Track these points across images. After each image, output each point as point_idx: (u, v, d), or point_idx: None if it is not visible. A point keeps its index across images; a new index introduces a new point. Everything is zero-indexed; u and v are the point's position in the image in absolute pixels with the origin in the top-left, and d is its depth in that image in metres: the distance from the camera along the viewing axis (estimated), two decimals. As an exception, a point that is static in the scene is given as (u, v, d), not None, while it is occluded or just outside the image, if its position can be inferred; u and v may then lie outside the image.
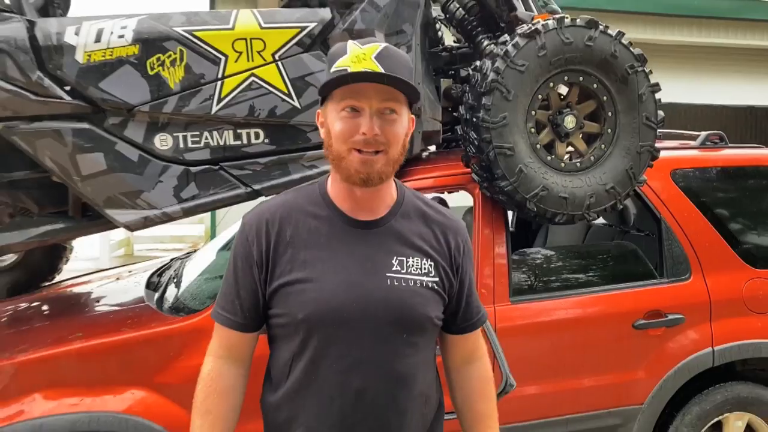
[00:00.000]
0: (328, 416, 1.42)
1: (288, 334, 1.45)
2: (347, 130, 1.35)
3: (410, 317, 1.44)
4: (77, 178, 2.38)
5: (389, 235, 1.46)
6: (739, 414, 2.99)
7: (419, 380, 1.48)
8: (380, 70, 1.33)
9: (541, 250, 3.44)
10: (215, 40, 2.42)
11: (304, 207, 1.46)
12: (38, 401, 2.33)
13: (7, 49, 2.28)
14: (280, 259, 1.43)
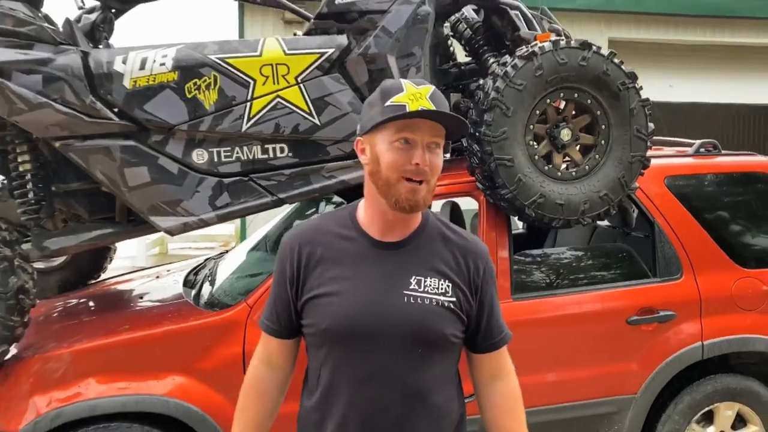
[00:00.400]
0: (350, 423, 1.53)
1: (316, 344, 1.58)
2: (400, 159, 1.46)
3: (425, 333, 1.52)
4: (125, 189, 2.70)
5: (410, 255, 1.55)
6: (729, 404, 3.21)
7: (435, 394, 1.56)
8: (435, 109, 1.47)
9: (542, 251, 3.67)
10: (245, 66, 2.72)
11: (334, 230, 1.59)
12: (92, 385, 2.66)
13: (65, 77, 2.60)
14: (310, 275, 1.55)
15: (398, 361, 1.51)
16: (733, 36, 10.61)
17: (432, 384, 1.55)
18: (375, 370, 1.51)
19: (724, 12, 10.35)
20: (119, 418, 2.63)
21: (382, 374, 1.51)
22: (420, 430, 1.54)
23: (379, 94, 1.52)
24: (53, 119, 2.59)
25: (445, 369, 1.58)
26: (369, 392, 1.51)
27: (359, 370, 1.52)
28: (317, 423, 1.58)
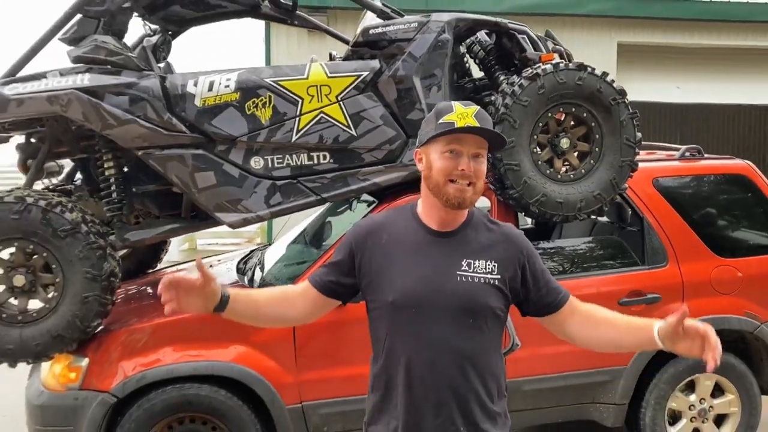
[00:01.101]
0: (413, 382, 1.75)
1: (381, 316, 1.80)
2: (448, 166, 1.73)
3: (474, 305, 1.75)
4: (195, 190, 3.24)
5: (461, 242, 1.80)
6: (708, 375, 3.70)
7: (482, 360, 1.78)
8: (478, 125, 1.74)
9: (544, 242, 4.16)
10: (294, 87, 3.25)
11: (399, 221, 1.86)
12: (169, 353, 3.21)
13: (147, 97, 3.14)
14: (375, 257, 1.81)
15: (452, 330, 1.74)
16: (739, 39, 10.96)
17: (480, 350, 1.78)
18: (432, 337, 1.74)
19: (730, 16, 10.71)
20: (191, 380, 3.19)
21: (438, 340, 1.74)
22: (471, 388, 1.76)
23: (434, 114, 1.79)
24: (138, 133, 3.14)
25: (491, 339, 1.81)
26: (427, 355, 1.74)
27: (419, 337, 1.75)
28: (386, 383, 1.80)
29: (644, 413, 3.65)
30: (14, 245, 3.06)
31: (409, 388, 1.75)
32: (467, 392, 1.75)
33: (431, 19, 3.44)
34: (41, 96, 3.07)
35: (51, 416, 3.18)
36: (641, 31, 10.77)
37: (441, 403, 1.74)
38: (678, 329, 1.74)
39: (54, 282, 3.09)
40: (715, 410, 3.75)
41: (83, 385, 3.14)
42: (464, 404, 1.75)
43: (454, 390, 1.75)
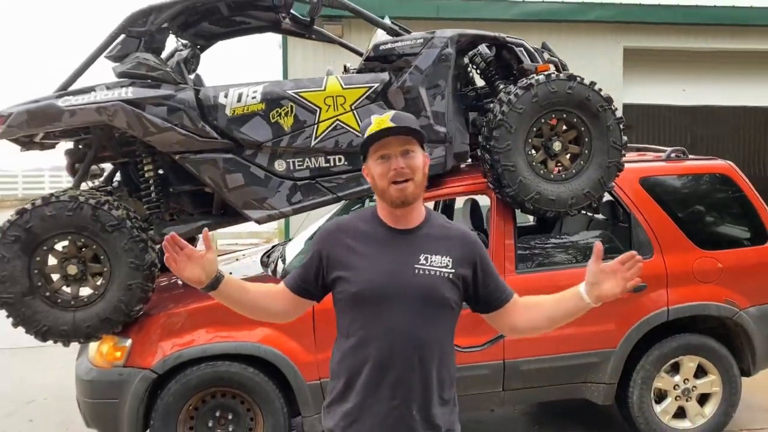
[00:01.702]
0: (372, 363, 1.86)
1: (345, 307, 1.92)
2: (383, 171, 1.86)
3: (430, 296, 1.87)
4: (226, 190, 3.63)
5: (419, 239, 1.92)
6: (691, 357, 4.05)
7: (437, 348, 1.89)
8: (394, 126, 1.85)
9: (540, 236, 4.52)
10: (313, 98, 3.64)
11: (360, 223, 1.98)
12: (202, 334, 3.60)
13: (183, 108, 3.54)
14: (339, 255, 1.92)
15: (409, 318, 1.85)
16: (742, 42, 11.20)
17: (435, 338, 1.89)
18: (392, 325, 1.85)
19: (733, 20, 10.97)
20: (223, 358, 3.58)
21: (397, 328, 1.85)
22: (425, 374, 1.87)
23: (363, 127, 1.94)
24: (175, 139, 3.54)
25: (446, 329, 1.93)
26: (387, 342, 1.85)
27: (380, 325, 1.86)
28: (348, 368, 1.90)
29: (632, 392, 3.99)
30: (68, 238, 3.46)
31: (368, 372, 1.86)
32: (422, 378, 1.86)
33: (435, 35, 3.82)
34: (91, 107, 3.48)
35: (99, 390, 3.59)
36: (646, 35, 11.03)
37: (397, 386, 1.85)
38: (598, 268, 1.91)
39: (102, 271, 3.50)
40: (698, 390, 4.08)
41: (127, 363, 3.55)
42: (419, 389, 1.86)
43: (409, 375, 1.85)
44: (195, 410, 3.62)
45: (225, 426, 3.64)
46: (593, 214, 4.67)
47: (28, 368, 5.78)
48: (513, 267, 3.85)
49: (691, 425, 4.07)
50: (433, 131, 3.73)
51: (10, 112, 3.54)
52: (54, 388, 5.25)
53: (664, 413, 4.04)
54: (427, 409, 1.87)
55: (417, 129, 1.89)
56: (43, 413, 4.75)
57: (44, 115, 3.50)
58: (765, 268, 4.12)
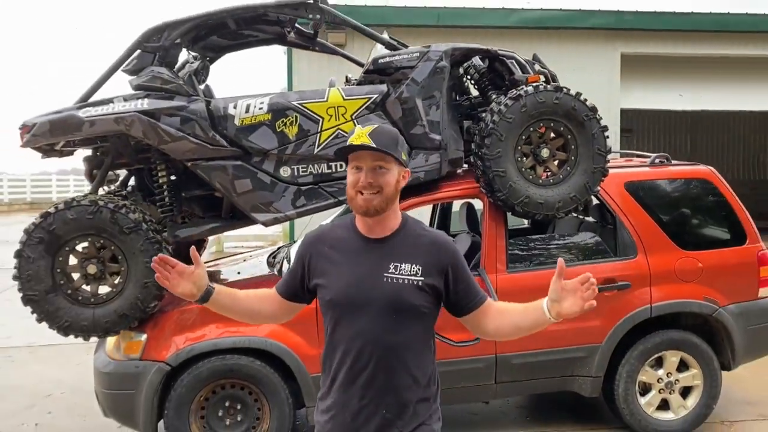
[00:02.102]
0: (346, 365, 1.98)
1: (325, 311, 2.04)
2: (353, 180, 1.96)
3: (398, 303, 1.95)
4: (235, 195, 3.89)
5: (391, 248, 1.99)
6: (674, 352, 4.27)
7: (406, 350, 1.98)
8: (370, 143, 1.90)
9: (530, 237, 4.75)
10: (316, 108, 3.89)
11: (339, 231, 2.08)
12: (213, 329, 3.84)
13: (195, 118, 3.80)
14: (319, 262, 2.04)
15: (378, 324, 1.94)
16: (738, 48, 11.43)
17: (404, 343, 1.97)
18: (362, 329, 1.95)
19: (729, 27, 11.20)
20: (232, 352, 3.83)
21: (366, 333, 1.95)
22: (395, 376, 1.97)
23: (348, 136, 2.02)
24: (188, 147, 3.79)
25: (417, 333, 2.00)
26: (358, 345, 1.96)
27: (351, 329, 1.97)
28: (329, 367, 2.05)
29: (618, 385, 4.21)
30: (88, 240, 3.72)
31: (344, 373, 1.98)
32: (392, 379, 1.96)
33: (431, 49, 4.06)
34: (109, 117, 3.74)
35: (116, 381, 3.84)
36: (643, 42, 11.26)
37: (368, 387, 1.96)
38: (559, 286, 1.98)
39: (120, 270, 3.75)
40: (681, 383, 4.30)
41: (143, 356, 3.80)
42: (388, 389, 1.96)
43: (379, 377, 1.95)
44: (206, 400, 3.87)
45: (234, 415, 3.89)
46: (583, 217, 4.91)
47: (45, 365, 6.04)
48: (504, 267, 4.09)
49: (674, 416, 4.30)
50: (428, 139, 3.98)
51: (34, 123, 3.81)
52: (70, 383, 5.52)
53: (648, 405, 4.27)
54: (398, 408, 1.97)
55: (388, 152, 1.93)
56: (61, 406, 5.01)
57: (66, 125, 3.76)
58: (743, 267, 4.35)
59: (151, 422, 3.82)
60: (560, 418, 4.67)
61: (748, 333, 4.32)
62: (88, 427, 4.60)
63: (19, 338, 6.91)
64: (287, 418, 3.90)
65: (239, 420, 3.89)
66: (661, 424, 4.28)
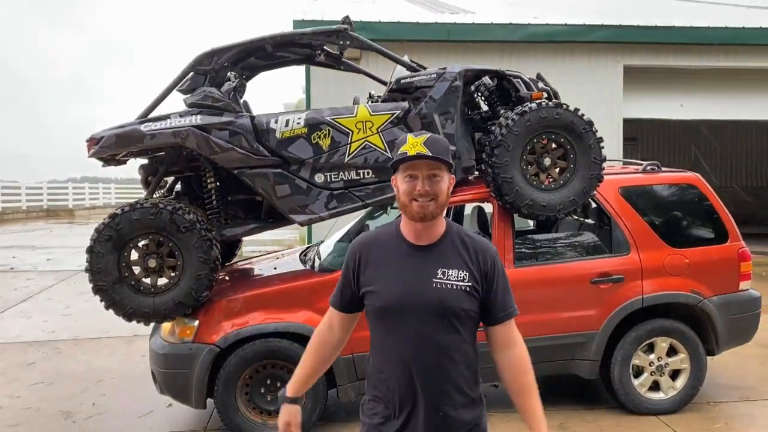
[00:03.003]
0: (397, 370, 2.01)
1: (375, 318, 2.06)
2: (408, 189, 1.98)
3: (447, 307, 1.98)
4: (275, 198, 4.44)
5: (437, 254, 2.03)
6: (663, 338, 4.78)
7: (457, 351, 2.01)
8: (427, 152, 1.94)
9: (535, 236, 5.29)
10: (346, 123, 4.45)
11: (385, 238, 2.11)
12: (256, 316, 4.38)
13: (242, 132, 4.36)
14: (366, 271, 2.07)
15: (429, 327, 1.98)
16: (736, 60, 11.94)
17: (455, 344, 2.01)
18: (414, 335, 1.99)
19: (727, 40, 11.70)
20: (273, 335, 4.36)
21: (419, 337, 1.99)
22: (449, 376, 2.01)
23: (396, 147, 2.04)
24: (235, 157, 4.35)
25: (465, 335, 2.03)
26: (411, 350, 1.99)
27: (402, 334, 2.00)
28: (378, 369, 2.08)
29: (613, 368, 4.73)
30: (149, 237, 4.28)
31: (397, 378, 2.01)
32: (446, 380, 2.00)
33: (446, 70, 4.61)
34: (168, 131, 4.31)
35: (172, 362, 4.38)
36: (645, 54, 11.78)
37: (423, 390, 1.99)
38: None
39: (176, 264, 4.31)
40: (670, 366, 4.81)
41: (195, 339, 4.35)
42: (445, 390, 2.00)
43: (434, 378, 1.99)
44: (250, 378, 4.41)
45: (274, 393, 4.43)
46: (583, 219, 5.44)
47: (91, 355, 6.60)
48: (512, 262, 4.62)
49: (665, 396, 4.81)
50: (444, 149, 4.52)
51: (101, 136, 4.37)
52: (118, 370, 6.08)
53: (641, 386, 4.78)
54: (454, 407, 2.01)
55: (445, 159, 1.98)
56: (113, 390, 5.55)
57: (130, 138, 4.33)
58: (726, 263, 4.87)
59: (201, 398, 4.37)
60: (562, 399, 5.17)
61: (730, 322, 4.83)
62: (140, 406, 5.14)
63: (63, 332, 7.50)
64: (320, 396, 4.42)
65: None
66: (652, 403, 4.79)
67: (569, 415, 4.82)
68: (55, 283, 10.64)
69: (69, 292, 9.68)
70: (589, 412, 4.89)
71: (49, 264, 12.87)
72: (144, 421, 4.86)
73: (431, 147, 1.97)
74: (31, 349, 6.86)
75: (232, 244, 5.64)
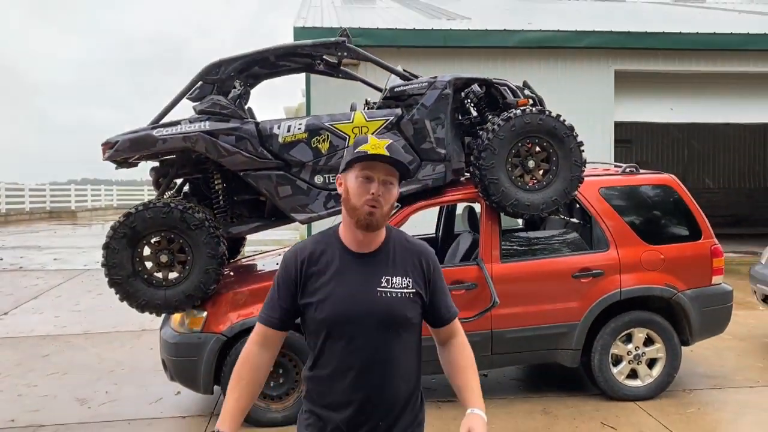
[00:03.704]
0: (343, 384, 1.93)
1: (316, 330, 1.96)
2: (362, 191, 1.86)
3: (392, 316, 1.93)
4: (278, 199, 4.78)
5: (380, 262, 1.96)
6: (640, 329, 5.12)
7: (402, 360, 1.97)
8: (389, 156, 1.86)
9: (521, 233, 5.63)
10: (343, 128, 4.78)
11: (324, 247, 1.98)
12: (260, 308, 4.70)
13: (247, 137, 4.69)
14: (309, 280, 1.94)
15: (374, 338, 1.92)
16: (724, 65, 12.30)
17: (400, 353, 1.96)
18: (359, 345, 1.91)
19: (715, 45, 12.07)
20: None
21: (364, 347, 1.92)
22: (393, 385, 1.95)
23: (353, 145, 1.91)
24: (241, 160, 4.69)
25: (409, 343, 1.98)
26: (356, 359, 1.92)
27: (348, 346, 1.91)
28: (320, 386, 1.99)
29: (594, 357, 5.06)
30: (161, 235, 4.61)
31: (340, 390, 1.94)
32: (388, 391, 1.95)
33: (437, 79, 4.96)
34: (178, 136, 4.64)
35: (182, 350, 4.71)
36: (636, 59, 12.14)
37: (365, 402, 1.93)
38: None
39: (186, 259, 4.64)
40: (647, 356, 5.15)
41: (204, 329, 4.68)
42: (383, 401, 1.95)
43: (376, 390, 1.94)
44: (255, 365, 4.73)
45: (277, 378, 4.76)
46: (568, 218, 5.78)
47: (102, 348, 6.94)
48: (498, 258, 4.96)
49: (642, 384, 5.15)
50: (435, 153, 4.87)
51: (116, 140, 4.71)
52: (128, 362, 6.41)
53: (619, 374, 5.12)
54: (396, 417, 1.98)
55: (406, 166, 1.92)
56: (124, 380, 5.88)
57: (143, 143, 4.67)
58: (699, 259, 5.21)
59: (209, 383, 4.70)
60: (546, 387, 5.51)
61: (703, 314, 5.17)
62: (150, 393, 5.47)
63: (74, 327, 7.83)
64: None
65: (281, 382, 4.76)
66: (630, 390, 5.13)
67: (552, 400, 5.16)
68: (63, 282, 10.99)
69: (77, 290, 10.04)
70: (571, 398, 5.22)
71: (56, 263, 13.22)
72: (154, 407, 5.19)
73: (393, 152, 1.89)
74: (44, 342, 7.20)
75: (237, 241, 5.97)
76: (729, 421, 4.82)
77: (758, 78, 12.63)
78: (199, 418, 4.94)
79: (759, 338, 7.05)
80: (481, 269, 4.81)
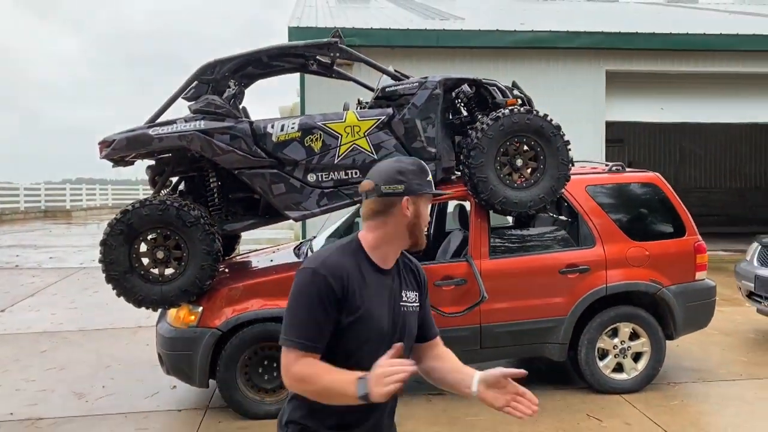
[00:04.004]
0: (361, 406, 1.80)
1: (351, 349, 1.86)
2: (428, 217, 1.97)
3: (411, 331, 2.00)
4: (272, 196, 4.88)
5: (397, 277, 2.00)
6: (626, 324, 5.25)
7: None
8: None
9: (509, 230, 5.74)
10: (336, 127, 4.89)
11: (352, 262, 1.89)
12: (254, 303, 4.81)
13: (242, 135, 4.80)
14: (352, 298, 1.84)
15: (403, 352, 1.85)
16: (714, 66, 12.45)
17: None
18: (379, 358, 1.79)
19: (705, 46, 12.21)
20: (270, 320, 4.78)
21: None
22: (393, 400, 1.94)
23: (419, 169, 1.93)
24: (235, 159, 4.79)
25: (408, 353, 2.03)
26: None
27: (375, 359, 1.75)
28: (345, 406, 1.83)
29: (581, 351, 5.19)
30: (157, 232, 4.72)
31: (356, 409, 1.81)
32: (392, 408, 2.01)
33: (428, 79, 5.07)
34: (174, 135, 4.74)
35: (178, 344, 4.82)
36: (627, 60, 12.29)
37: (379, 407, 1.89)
38: (499, 380, 1.85)
39: (182, 256, 4.74)
40: (633, 350, 5.28)
41: (199, 324, 4.78)
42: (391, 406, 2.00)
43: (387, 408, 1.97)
44: (249, 359, 4.84)
45: (271, 372, 4.86)
46: (556, 216, 5.90)
47: (98, 344, 7.03)
48: (487, 254, 5.07)
49: (627, 377, 5.28)
50: (426, 152, 4.98)
51: (113, 139, 4.81)
52: (124, 358, 6.51)
53: (605, 367, 5.25)
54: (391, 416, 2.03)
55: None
56: (120, 374, 5.98)
57: (139, 141, 4.77)
58: (683, 255, 5.34)
59: (204, 377, 4.80)
60: (534, 380, 5.62)
61: (686, 309, 5.31)
62: (146, 387, 5.57)
63: (70, 324, 7.93)
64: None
65: (275, 375, 4.86)
66: (616, 383, 5.25)
67: (540, 393, 5.14)
68: (59, 280, 11.07)
69: (73, 288, 10.12)
70: (558, 391, 5.35)
71: (52, 262, 13.30)
72: (151, 401, 5.30)
73: None
74: (41, 338, 7.29)
75: (232, 238, 6.07)
76: (711, 413, 4.96)
77: (748, 78, 12.78)
78: (195, 411, 5.05)
79: (744, 333, 7.20)
80: (470, 265, 4.93)
